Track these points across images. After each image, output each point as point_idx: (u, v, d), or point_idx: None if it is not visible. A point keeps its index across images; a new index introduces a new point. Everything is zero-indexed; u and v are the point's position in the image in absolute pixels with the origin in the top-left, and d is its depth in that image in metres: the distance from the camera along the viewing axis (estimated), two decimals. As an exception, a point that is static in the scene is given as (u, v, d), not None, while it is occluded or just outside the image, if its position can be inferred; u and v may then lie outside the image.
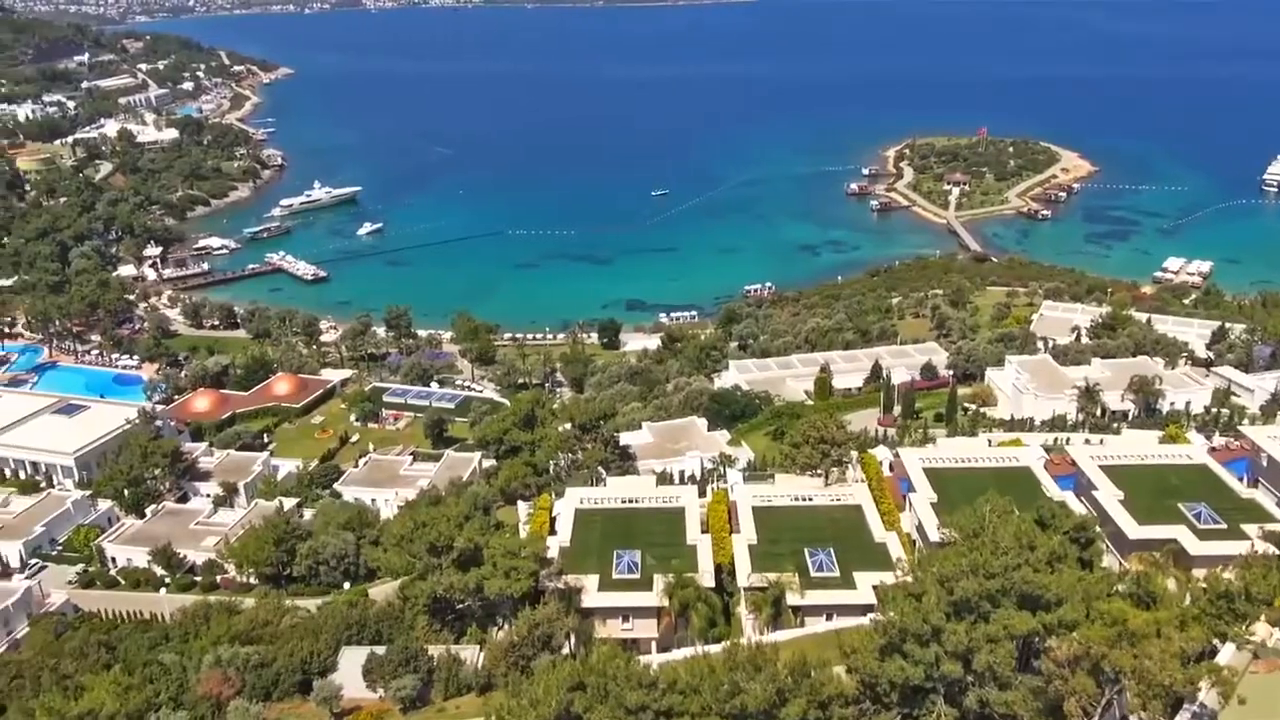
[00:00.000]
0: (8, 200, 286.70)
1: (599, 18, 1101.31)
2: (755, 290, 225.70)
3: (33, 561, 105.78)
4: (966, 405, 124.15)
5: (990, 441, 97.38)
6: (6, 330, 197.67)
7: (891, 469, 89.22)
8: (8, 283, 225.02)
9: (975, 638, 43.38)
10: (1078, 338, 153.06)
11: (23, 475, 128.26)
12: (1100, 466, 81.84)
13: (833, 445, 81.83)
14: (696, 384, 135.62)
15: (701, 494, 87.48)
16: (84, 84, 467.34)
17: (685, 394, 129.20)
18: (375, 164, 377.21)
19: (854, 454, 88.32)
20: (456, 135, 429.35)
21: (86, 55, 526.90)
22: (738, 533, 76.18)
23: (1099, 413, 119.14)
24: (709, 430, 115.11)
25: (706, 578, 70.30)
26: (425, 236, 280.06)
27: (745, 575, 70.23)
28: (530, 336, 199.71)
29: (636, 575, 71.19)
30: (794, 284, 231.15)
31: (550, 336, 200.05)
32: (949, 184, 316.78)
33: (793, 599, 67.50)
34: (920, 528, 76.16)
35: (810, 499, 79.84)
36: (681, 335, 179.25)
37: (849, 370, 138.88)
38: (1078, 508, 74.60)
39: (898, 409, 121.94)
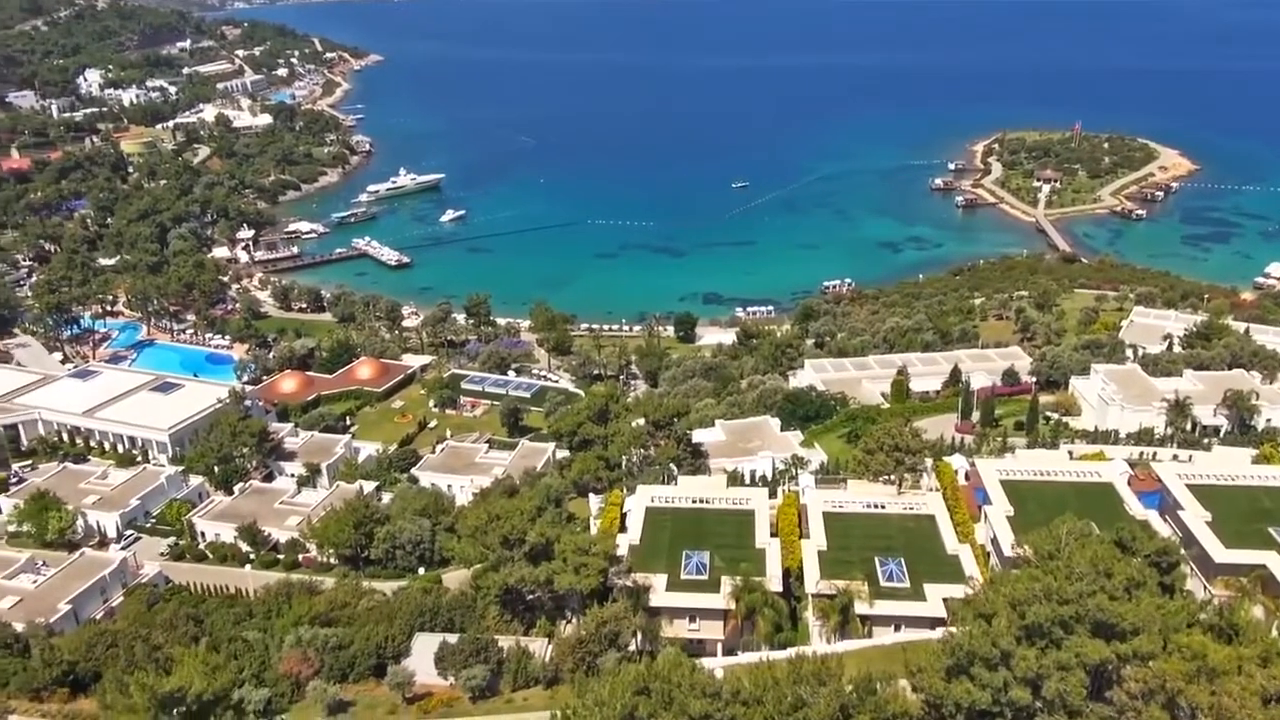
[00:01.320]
0: (112, 182, 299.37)
1: (686, 8, 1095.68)
2: (834, 286, 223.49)
3: (128, 533, 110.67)
4: (1048, 414, 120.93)
5: (1071, 454, 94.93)
6: (108, 308, 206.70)
7: (967, 478, 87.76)
8: (110, 262, 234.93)
9: (1046, 664, 42.70)
10: (1169, 347, 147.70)
11: (121, 449, 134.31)
12: (1187, 485, 79.14)
13: (907, 453, 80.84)
14: (771, 382, 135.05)
15: (772, 495, 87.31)
16: (185, 70, 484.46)
17: (759, 392, 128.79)
18: (459, 151, 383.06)
19: (929, 461, 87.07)
20: (539, 124, 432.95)
21: (188, 41, 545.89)
22: (807, 538, 76.01)
23: (1189, 428, 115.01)
24: (782, 430, 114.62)
25: (774, 582, 70.34)
26: (506, 225, 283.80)
27: (814, 581, 70.06)
28: (607, 328, 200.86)
29: (704, 576, 71.57)
30: (874, 281, 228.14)
31: (626, 328, 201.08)
32: (1039, 180, 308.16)
33: (861, 608, 67.21)
34: (995, 541, 74.89)
35: (882, 506, 79.10)
36: (757, 331, 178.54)
37: (927, 373, 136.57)
38: (1161, 528, 72.60)
39: (976, 415, 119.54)
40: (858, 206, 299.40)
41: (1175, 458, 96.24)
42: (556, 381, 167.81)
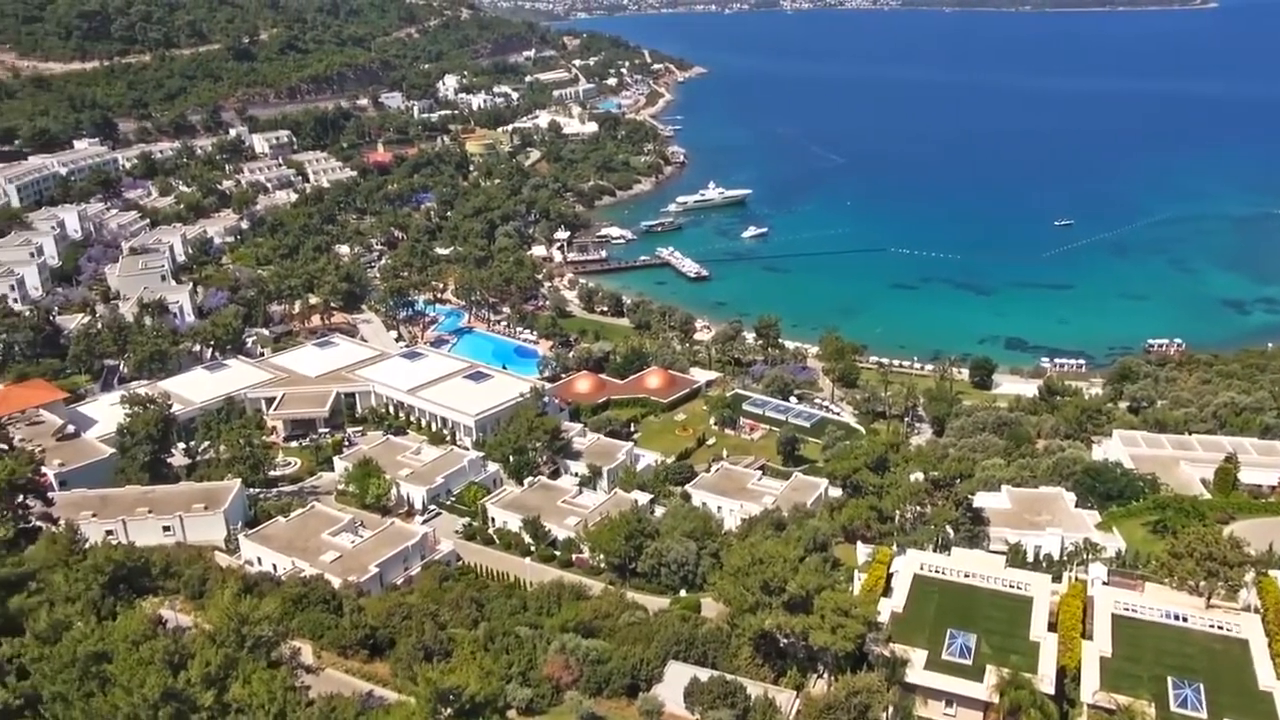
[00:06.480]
0: (455, 179, 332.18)
1: (1022, 23, 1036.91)
2: (1160, 346, 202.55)
3: (431, 507, 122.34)
4: None
5: None
6: (438, 295, 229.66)
7: (1298, 601, 76.47)
8: (445, 252, 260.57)
9: None
10: None
11: (434, 428, 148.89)
12: None
13: (1222, 565, 71.81)
14: (1071, 450, 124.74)
15: (1056, 580, 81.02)
16: (527, 78, 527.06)
17: (1056, 459, 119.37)
18: (769, 167, 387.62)
19: (1250, 574, 76.78)
20: (851, 143, 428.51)
21: (533, 51, 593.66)
22: (1090, 639, 69.87)
23: None
24: (1076, 507, 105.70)
25: (1046, 683, 65.36)
26: (806, 246, 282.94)
27: (1091, 690, 64.40)
28: (897, 363, 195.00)
29: (968, 661, 67.87)
30: (1209, 345, 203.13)
31: (918, 366, 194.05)
32: None
33: (1144, 732, 60.90)
34: (1324, 685, 64.85)
35: (1185, 619, 70.85)
36: (1063, 388, 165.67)
37: (1263, 464, 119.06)
38: None
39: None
40: (1201, 256, 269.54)
41: None
42: (838, 414, 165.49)
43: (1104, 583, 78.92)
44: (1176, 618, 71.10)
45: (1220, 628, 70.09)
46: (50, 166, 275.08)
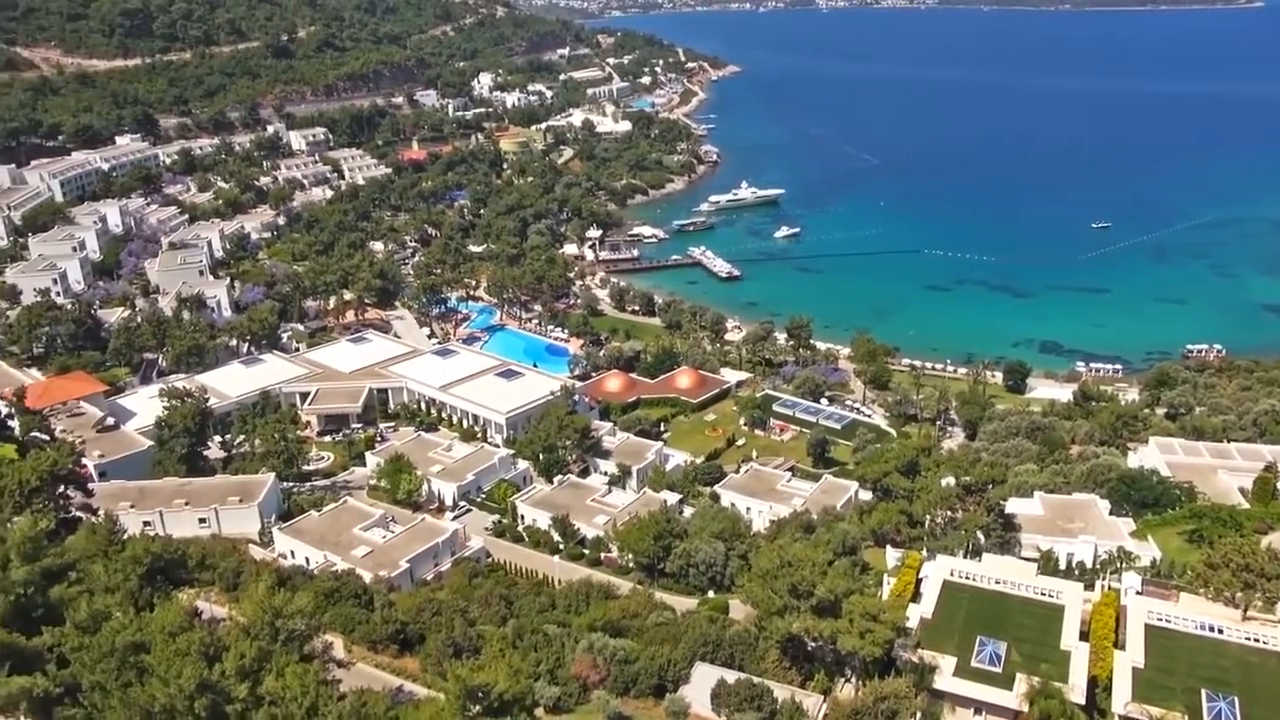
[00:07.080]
0: (489, 177, 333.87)
1: (1061, 22, 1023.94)
2: (1199, 352, 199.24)
3: (462, 504, 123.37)
4: None
5: None
6: (471, 292, 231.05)
7: (1338, 615, 75.12)
8: (478, 249, 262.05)
9: None
10: None
11: (465, 425, 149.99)
12: None
13: (1260, 577, 70.68)
14: (1106, 456, 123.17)
15: (1088, 588, 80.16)
16: (561, 76, 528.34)
17: (1090, 466, 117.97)
18: (801, 167, 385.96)
19: (1289, 586, 75.48)
20: (886, 143, 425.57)
21: (567, 49, 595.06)
22: (1123, 648, 69.09)
23: None
24: (1111, 515, 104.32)
25: (1076, 693, 64.76)
26: (839, 246, 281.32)
27: (1123, 701, 63.65)
28: (929, 366, 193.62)
29: (998, 669, 67.36)
30: (1251, 351, 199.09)
31: (950, 369, 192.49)
32: None
33: (1177, 745, 60.19)
34: (1364, 701, 63.66)
35: (1220, 631, 69.80)
36: (1098, 393, 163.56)
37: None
38: None
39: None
40: (1243, 260, 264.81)
41: None
42: (869, 417, 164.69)
43: (1138, 592, 77.91)
44: (1212, 629, 70.01)
45: (1257, 640, 68.93)
46: (93, 162, 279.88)
